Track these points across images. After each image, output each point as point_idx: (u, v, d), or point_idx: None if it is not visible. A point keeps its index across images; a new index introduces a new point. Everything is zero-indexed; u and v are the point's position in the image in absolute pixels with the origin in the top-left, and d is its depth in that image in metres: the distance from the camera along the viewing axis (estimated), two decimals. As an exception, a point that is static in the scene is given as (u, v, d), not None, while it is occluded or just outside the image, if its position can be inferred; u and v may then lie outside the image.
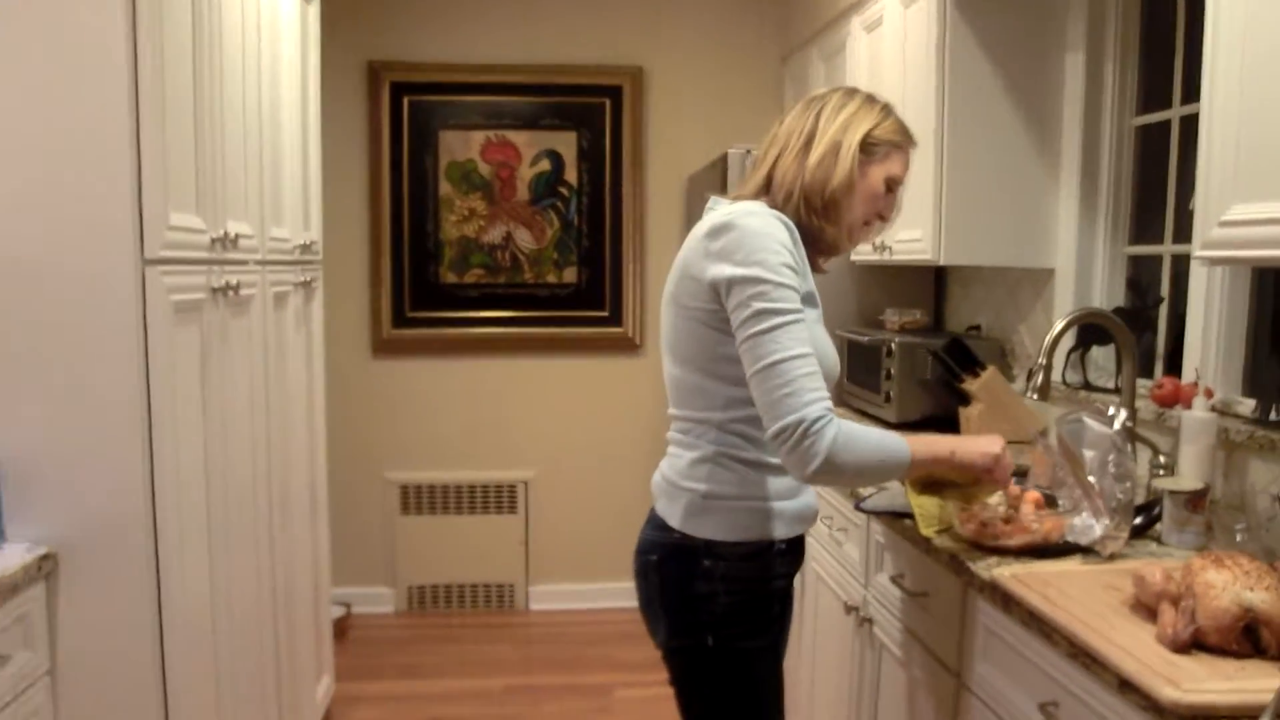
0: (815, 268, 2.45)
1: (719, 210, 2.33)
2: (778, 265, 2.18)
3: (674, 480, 2.41)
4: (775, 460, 2.34)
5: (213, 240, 2.95)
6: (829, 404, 2.15)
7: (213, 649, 2.99)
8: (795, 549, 2.47)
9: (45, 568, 2.49)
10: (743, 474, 2.35)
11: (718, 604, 2.35)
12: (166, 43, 2.60)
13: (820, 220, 2.38)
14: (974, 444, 2.38)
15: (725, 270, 2.21)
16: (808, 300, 2.27)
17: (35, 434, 2.51)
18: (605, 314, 6.07)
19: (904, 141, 2.45)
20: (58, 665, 2.55)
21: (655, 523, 2.45)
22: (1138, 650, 1.86)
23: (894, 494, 3.04)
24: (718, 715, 2.44)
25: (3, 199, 2.46)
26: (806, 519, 2.46)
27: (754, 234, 2.20)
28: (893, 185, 2.44)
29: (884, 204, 2.45)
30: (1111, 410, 2.64)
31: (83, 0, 2.42)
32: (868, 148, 2.39)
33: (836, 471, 2.14)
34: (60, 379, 2.50)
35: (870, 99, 2.46)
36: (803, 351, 2.14)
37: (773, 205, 2.36)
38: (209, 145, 2.93)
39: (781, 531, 2.38)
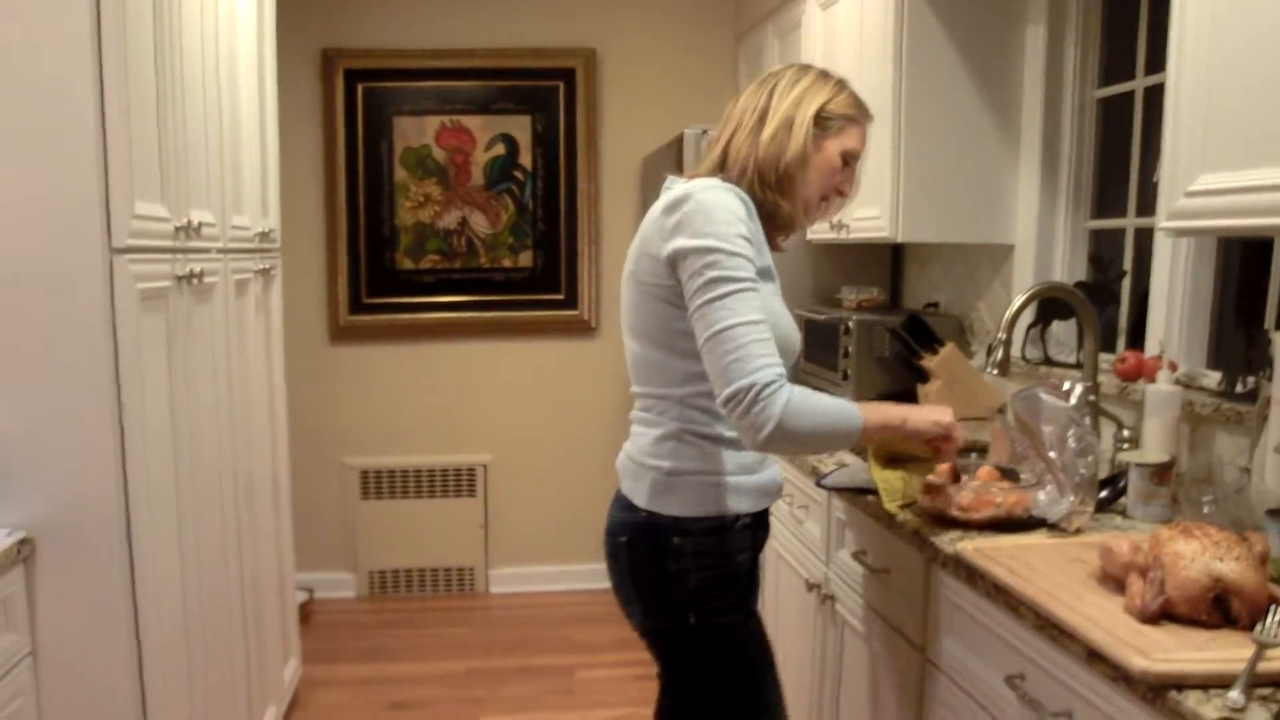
0: (774, 246, 2.46)
1: (676, 188, 2.32)
2: (731, 236, 2.18)
3: (638, 459, 2.41)
4: (736, 434, 2.33)
5: (177, 229, 2.96)
6: (781, 370, 2.13)
7: (184, 630, 3.01)
8: (759, 523, 2.47)
9: (24, 552, 2.53)
10: (705, 449, 2.34)
11: (690, 580, 2.35)
12: (130, 34, 2.60)
13: (775, 195, 2.38)
14: (925, 412, 2.38)
15: (679, 242, 2.21)
16: (765, 274, 2.27)
17: (10, 420, 2.53)
18: (561, 297, 6.04)
19: (859, 115, 2.45)
20: (38, 647, 2.59)
21: (622, 503, 2.44)
22: (1106, 621, 1.85)
23: (854, 470, 3.04)
24: (714, 692, 2.44)
25: (-29, 194, 2.47)
26: (769, 493, 2.45)
27: (709, 206, 2.20)
28: (849, 159, 2.44)
29: (841, 178, 2.45)
30: (1067, 385, 2.62)
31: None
32: (822, 121, 2.39)
33: (789, 437, 2.13)
34: (33, 366, 2.52)
35: (824, 74, 2.46)
36: (754, 318, 2.13)
37: (728, 182, 2.34)
38: (172, 135, 2.94)
39: (743, 506, 2.38)
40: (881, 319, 4.07)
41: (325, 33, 5.77)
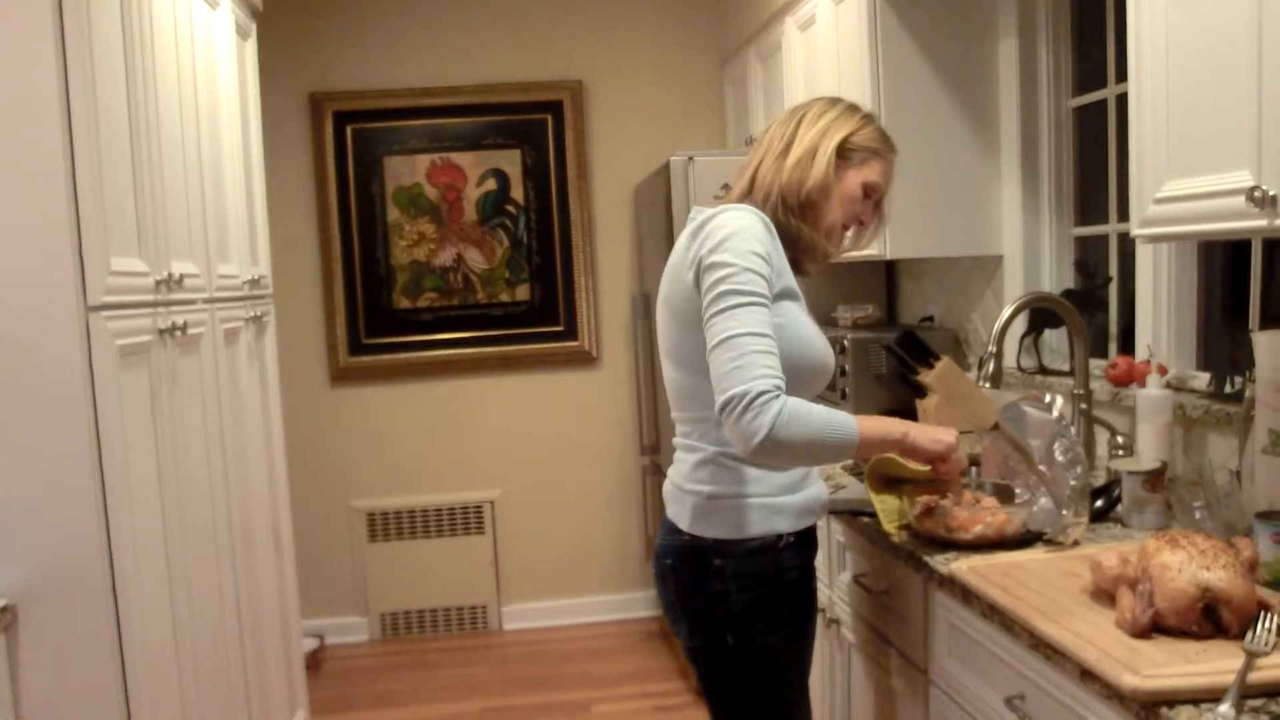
0: (802, 271, 2.51)
1: (702, 214, 2.37)
2: (745, 252, 2.21)
3: (680, 484, 2.45)
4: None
5: (157, 282, 2.94)
6: (779, 381, 2.13)
7: (179, 691, 2.96)
8: (805, 540, 2.49)
9: (4, 620, 2.46)
10: (742, 472, 2.37)
11: (732, 601, 2.38)
12: (99, 89, 2.59)
13: (798, 221, 2.41)
14: (929, 430, 2.37)
15: (699, 260, 2.25)
16: (786, 294, 2.30)
17: (-13, 485, 2.49)
18: (560, 329, 6.04)
19: (882, 149, 2.49)
20: (21, 718, 2.53)
21: (668, 527, 2.49)
22: (1097, 638, 1.84)
23: (850, 492, 3.03)
24: (742, 712, 2.47)
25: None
26: (813, 511, 2.48)
27: (726, 224, 2.26)
28: (870, 192, 2.47)
29: (862, 209, 2.48)
30: (1049, 397, 2.62)
31: (10, 49, 2.42)
32: (845, 152, 2.43)
33: (780, 447, 2.12)
34: (8, 428, 2.48)
35: (852, 108, 2.51)
36: (759, 331, 2.15)
37: (753, 206, 2.40)
38: (149, 188, 2.92)
39: (787, 525, 2.40)
40: (877, 336, 4.06)
41: (312, 77, 5.79)
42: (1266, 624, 1.76)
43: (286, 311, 5.52)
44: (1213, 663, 1.70)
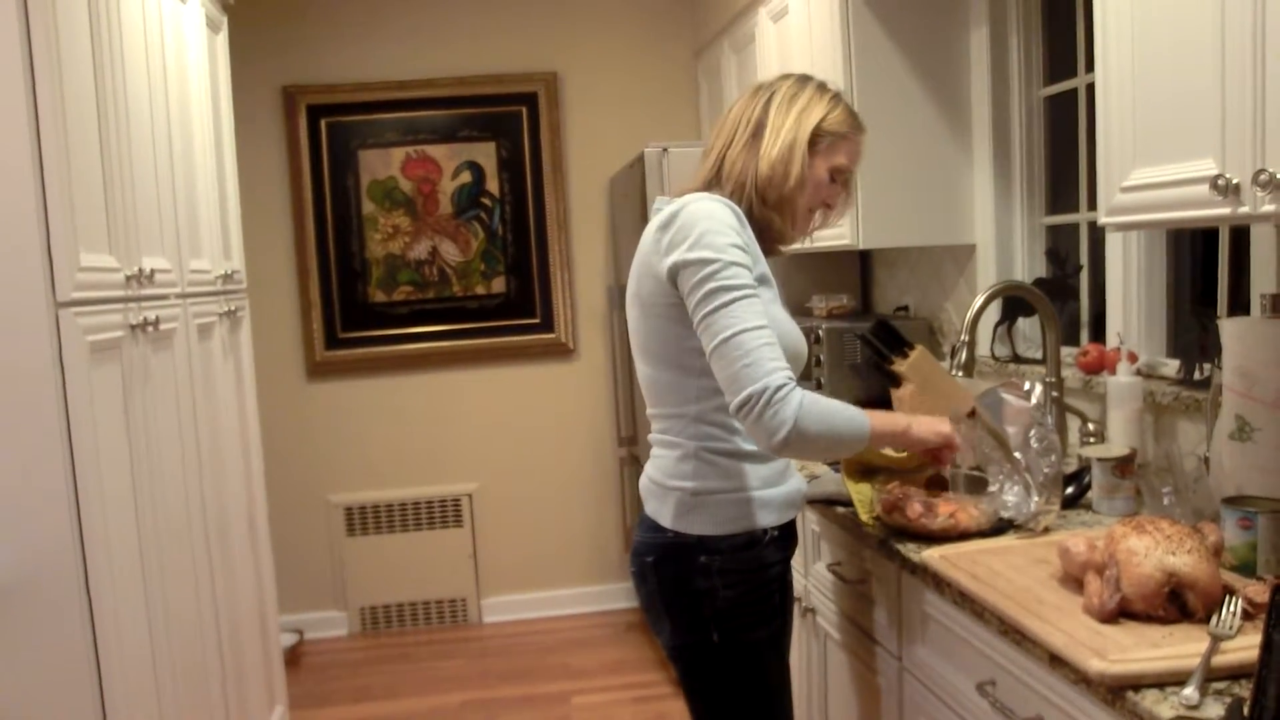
0: (769, 253, 2.47)
1: (667, 206, 2.34)
2: (725, 245, 2.19)
3: (661, 480, 2.41)
4: (755, 448, 2.34)
5: (128, 278, 2.91)
6: (791, 374, 2.14)
7: (154, 686, 2.94)
8: (786, 534, 2.49)
9: None
10: (725, 466, 2.35)
11: (718, 598, 2.36)
12: (66, 83, 2.55)
13: (772, 213, 2.39)
14: (928, 422, 2.39)
15: (676, 256, 2.22)
16: (761, 281, 2.27)
17: (-42, 480, 2.47)
18: (536, 321, 6.04)
19: (850, 132, 2.45)
20: None
21: (647, 524, 2.45)
22: (1065, 623, 1.85)
23: (824, 481, 3.03)
24: (729, 711, 2.44)
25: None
26: (795, 504, 2.47)
27: (699, 218, 2.23)
28: (837, 175, 2.44)
29: (829, 193, 2.45)
30: (1028, 385, 2.63)
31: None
32: (814, 140, 2.39)
33: (806, 439, 2.12)
34: None
35: (820, 88, 2.47)
36: (759, 324, 2.14)
37: (721, 194, 2.36)
38: (118, 183, 2.89)
39: (770, 519, 2.39)
40: (851, 326, 4.08)
41: (285, 70, 5.77)
42: (1231, 608, 1.78)
43: (262, 306, 5.51)
44: (1178, 646, 1.72)
